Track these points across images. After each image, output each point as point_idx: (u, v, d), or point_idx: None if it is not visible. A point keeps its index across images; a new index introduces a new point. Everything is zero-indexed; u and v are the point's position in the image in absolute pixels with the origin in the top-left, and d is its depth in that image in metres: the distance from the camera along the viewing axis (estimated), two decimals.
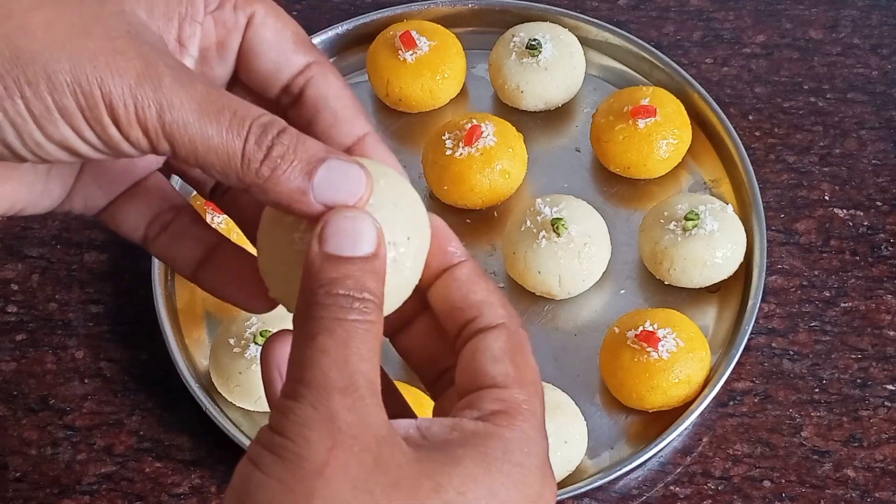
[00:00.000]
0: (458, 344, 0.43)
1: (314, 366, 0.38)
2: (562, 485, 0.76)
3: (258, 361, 0.77)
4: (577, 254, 0.81)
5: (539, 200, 0.83)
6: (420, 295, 0.44)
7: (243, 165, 0.40)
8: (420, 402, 0.74)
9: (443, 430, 0.40)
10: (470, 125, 0.86)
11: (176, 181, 0.52)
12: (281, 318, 0.79)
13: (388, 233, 0.40)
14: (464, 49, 0.94)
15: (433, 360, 0.46)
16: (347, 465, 0.37)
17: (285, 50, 0.45)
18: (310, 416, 0.37)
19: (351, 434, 0.37)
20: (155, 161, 0.48)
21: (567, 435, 0.76)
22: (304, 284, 0.39)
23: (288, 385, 0.38)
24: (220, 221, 0.82)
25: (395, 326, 0.46)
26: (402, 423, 0.40)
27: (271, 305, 0.45)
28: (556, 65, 0.90)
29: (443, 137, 0.86)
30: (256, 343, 0.78)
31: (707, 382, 0.78)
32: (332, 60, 0.96)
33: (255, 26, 0.44)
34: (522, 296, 0.83)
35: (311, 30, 0.97)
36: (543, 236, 0.81)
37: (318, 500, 0.37)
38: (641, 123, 0.86)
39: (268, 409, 0.85)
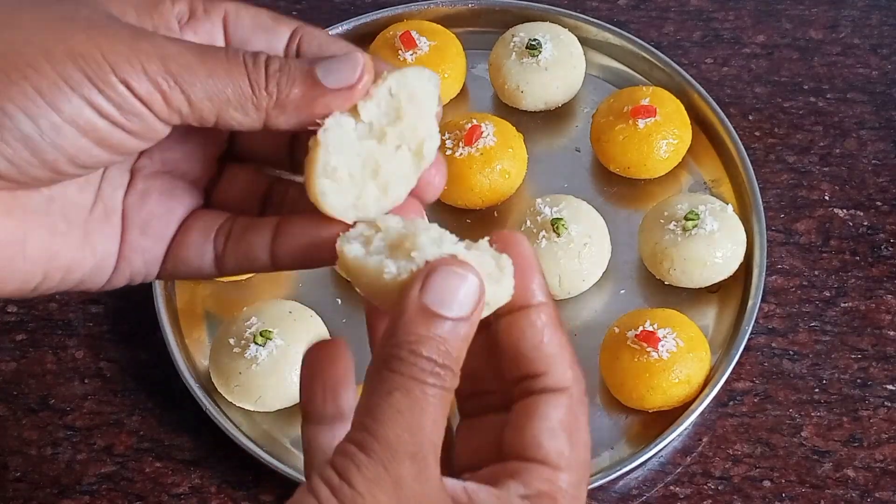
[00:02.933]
0: (518, 392, 0.43)
1: (388, 424, 0.38)
2: None
3: (258, 361, 0.77)
4: (577, 254, 0.81)
5: (539, 200, 0.83)
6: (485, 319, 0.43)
7: (254, 90, 0.41)
8: None
9: (489, 500, 0.40)
10: (470, 125, 0.86)
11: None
12: (281, 319, 0.79)
13: None
14: (464, 49, 0.94)
15: (474, 377, 0.44)
16: None
17: (268, 27, 0.45)
18: (381, 476, 0.38)
19: (414, 502, 0.38)
20: (193, 199, 0.47)
21: None
22: (393, 330, 0.40)
23: (358, 433, 0.39)
24: None
25: None
26: (451, 484, 0.40)
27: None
28: (556, 65, 0.90)
29: (443, 137, 0.86)
30: (256, 343, 0.78)
31: (707, 382, 0.78)
32: None
33: (232, 21, 0.45)
34: None
35: None
36: (543, 236, 0.81)
37: None
38: (641, 123, 0.86)
39: (268, 410, 0.85)
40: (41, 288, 0.44)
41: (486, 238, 0.42)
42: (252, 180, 0.48)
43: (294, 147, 0.48)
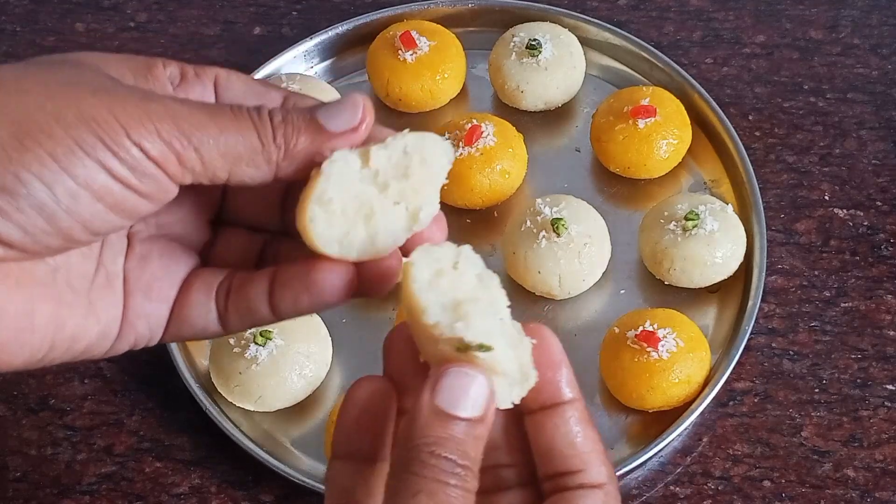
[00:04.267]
0: (550, 487, 0.43)
1: None
2: None
3: (258, 361, 0.78)
4: (577, 254, 0.81)
5: (539, 200, 0.83)
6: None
7: (264, 143, 0.42)
8: None
9: None
10: (470, 125, 0.86)
11: None
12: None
13: None
14: (464, 49, 0.94)
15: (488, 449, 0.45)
16: None
17: (260, 93, 0.46)
18: None
19: None
20: (192, 260, 0.47)
21: None
22: (410, 433, 0.40)
23: None
24: None
25: None
26: None
27: (352, 290, 0.45)
28: (556, 65, 0.90)
29: (443, 137, 0.86)
30: (256, 343, 0.78)
31: (707, 382, 0.78)
32: (331, 60, 0.97)
33: (223, 85, 0.45)
34: (522, 296, 0.83)
35: (311, 30, 0.97)
36: (543, 236, 0.81)
37: None
38: (641, 123, 0.86)
39: (268, 409, 0.85)
40: (47, 359, 0.43)
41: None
42: (246, 240, 0.49)
43: (285, 207, 0.48)
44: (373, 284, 0.45)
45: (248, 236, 0.49)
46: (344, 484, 0.44)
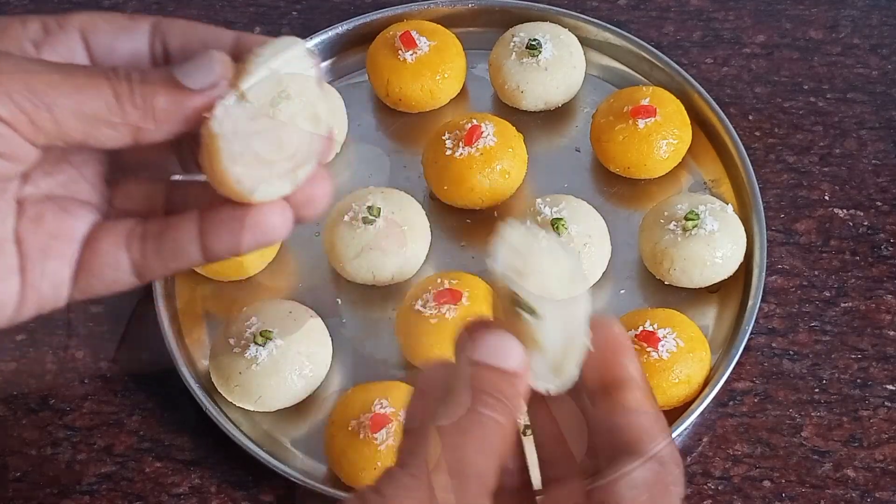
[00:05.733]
0: (605, 462, 0.44)
1: (430, 442, 0.40)
2: None
3: (258, 361, 0.77)
4: (576, 254, 0.81)
5: (539, 200, 0.83)
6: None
7: (120, 103, 0.42)
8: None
9: None
10: (470, 125, 0.86)
11: None
12: (281, 319, 0.79)
13: None
14: (464, 49, 0.94)
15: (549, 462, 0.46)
16: None
17: (127, 27, 0.46)
18: (409, 483, 0.39)
19: None
20: (92, 215, 0.47)
21: None
22: (452, 377, 0.41)
23: (399, 457, 0.41)
24: None
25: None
26: None
27: (288, 226, 0.46)
28: (556, 65, 0.90)
29: (443, 137, 0.86)
30: (256, 343, 0.78)
31: (707, 382, 0.78)
32: (331, 60, 0.97)
33: (90, 30, 0.45)
34: None
35: (312, 30, 0.97)
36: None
37: None
38: (641, 123, 0.86)
39: (268, 409, 0.85)
40: None
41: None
42: (148, 189, 0.49)
43: (181, 152, 0.48)
44: (307, 209, 0.46)
45: (148, 186, 0.49)
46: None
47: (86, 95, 0.41)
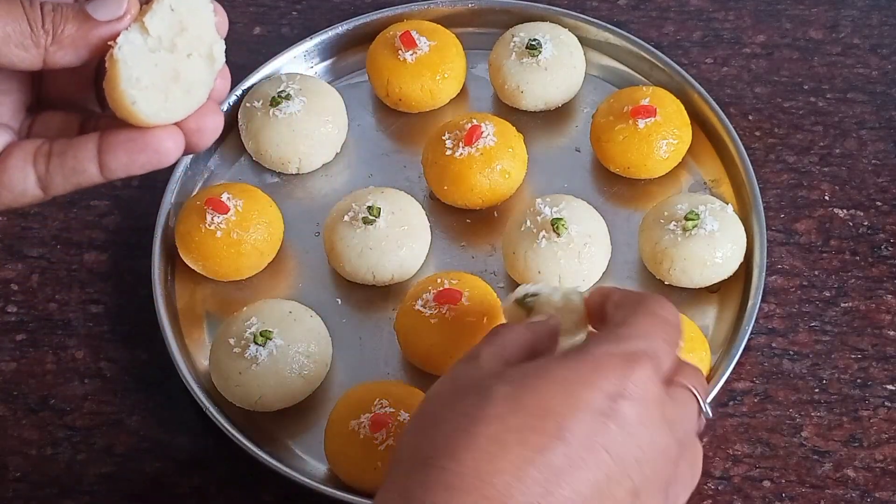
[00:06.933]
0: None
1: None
2: None
3: (258, 361, 0.78)
4: (577, 254, 0.81)
5: (539, 200, 0.83)
6: None
7: (32, 28, 0.48)
8: (412, 394, 0.75)
9: None
10: (470, 125, 0.86)
11: None
12: (281, 319, 0.79)
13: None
14: (464, 49, 0.94)
15: None
16: None
17: None
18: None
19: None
20: (6, 136, 0.53)
21: None
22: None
23: None
24: (220, 221, 0.82)
25: None
26: None
27: (180, 150, 0.52)
28: (556, 65, 0.90)
29: (443, 137, 0.86)
30: (256, 343, 0.78)
31: (707, 382, 0.78)
32: (331, 60, 0.97)
33: None
34: None
35: (312, 30, 0.97)
36: (543, 236, 0.81)
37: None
38: (641, 123, 0.86)
39: (268, 409, 0.85)
40: None
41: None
42: (65, 118, 0.55)
43: (98, 86, 0.54)
44: (198, 137, 0.52)
45: (66, 115, 0.55)
46: None
47: (2, 21, 0.48)
